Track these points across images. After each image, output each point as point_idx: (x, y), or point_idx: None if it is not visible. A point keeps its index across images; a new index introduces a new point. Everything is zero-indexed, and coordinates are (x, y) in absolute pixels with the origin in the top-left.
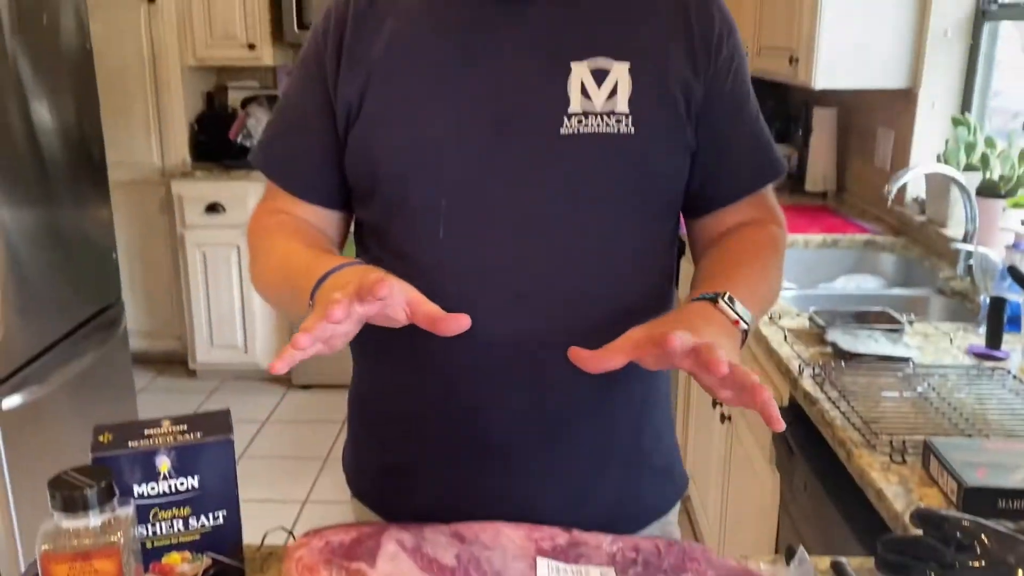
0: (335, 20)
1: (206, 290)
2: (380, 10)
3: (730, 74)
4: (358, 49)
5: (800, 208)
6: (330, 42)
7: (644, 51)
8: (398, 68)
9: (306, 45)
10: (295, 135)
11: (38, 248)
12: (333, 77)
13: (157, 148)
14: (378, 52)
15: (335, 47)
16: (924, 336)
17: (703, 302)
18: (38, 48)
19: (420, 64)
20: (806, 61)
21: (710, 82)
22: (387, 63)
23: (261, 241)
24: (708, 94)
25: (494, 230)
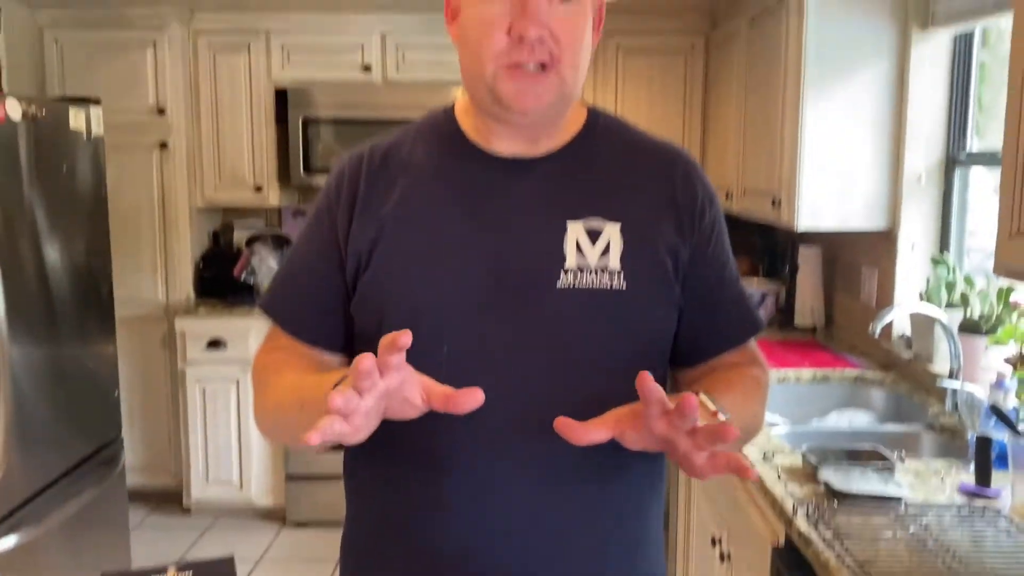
0: (348, 177)
1: (204, 426)
2: (392, 169)
3: (712, 239)
4: (371, 204)
5: (790, 343)
6: (343, 197)
7: (634, 215)
8: (408, 224)
9: (318, 199)
10: (302, 283)
11: (43, 386)
12: (344, 229)
13: (163, 285)
14: (389, 208)
15: (348, 202)
16: (915, 474)
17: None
18: (55, 195)
19: (428, 221)
20: (788, 204)
21: (695, 246)
22: (398, 219)
23: (266, 375)
24: (693, 257)
25: (493, 376)
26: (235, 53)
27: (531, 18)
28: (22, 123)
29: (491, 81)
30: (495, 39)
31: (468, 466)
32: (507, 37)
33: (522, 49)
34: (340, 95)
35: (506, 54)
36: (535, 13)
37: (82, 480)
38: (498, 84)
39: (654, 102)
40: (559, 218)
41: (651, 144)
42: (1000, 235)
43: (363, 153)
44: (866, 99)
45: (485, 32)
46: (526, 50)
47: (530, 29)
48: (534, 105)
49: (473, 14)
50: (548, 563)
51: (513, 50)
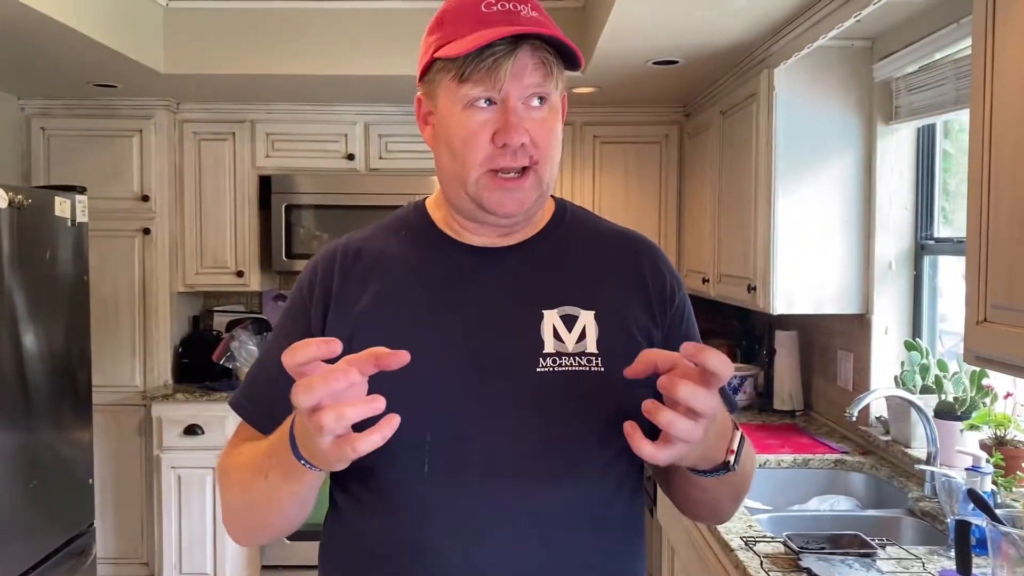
0: (322, 273)
1: (178, 514)
2: (366, 264)
3: (683, 321)
4: (345, 301)
5: (769, 427)
6: (316, 294)
7: (607, 302)
8: (383, 317)
9: (291, 297)
10: (275, 381)
11: (16, 474)
12: (319, 326)
13: (140, 371)
14: (365, 303)
15: (322, 298)
16: (897, 561)
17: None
18: (37, 281)
19: (404, 312)
20: (763, 290)
21: (667, 329)
22: (373, 312)
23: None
24: (666, 340)
25: (476, 464)
26: (220, 141)
27: (514, 127)
28: (7, 210)
29: (474, 189)
30: (480, 147)
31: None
32: (491, 145)
33: (505, 155)
34: (323, 182)
35: (491, 160)
36: (517, 123)
37: (53, 571)
38: (482, 192)
39: (630, 190)
40: (535, 306)
41: (617, 232)
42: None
43: (336, 248)
44: (835, 188)
45: (469, 141)
46: (509, 156)
47: (514, 137)
48: (516, 209)
49: (454, 123)
50: None
51: (497, 156)
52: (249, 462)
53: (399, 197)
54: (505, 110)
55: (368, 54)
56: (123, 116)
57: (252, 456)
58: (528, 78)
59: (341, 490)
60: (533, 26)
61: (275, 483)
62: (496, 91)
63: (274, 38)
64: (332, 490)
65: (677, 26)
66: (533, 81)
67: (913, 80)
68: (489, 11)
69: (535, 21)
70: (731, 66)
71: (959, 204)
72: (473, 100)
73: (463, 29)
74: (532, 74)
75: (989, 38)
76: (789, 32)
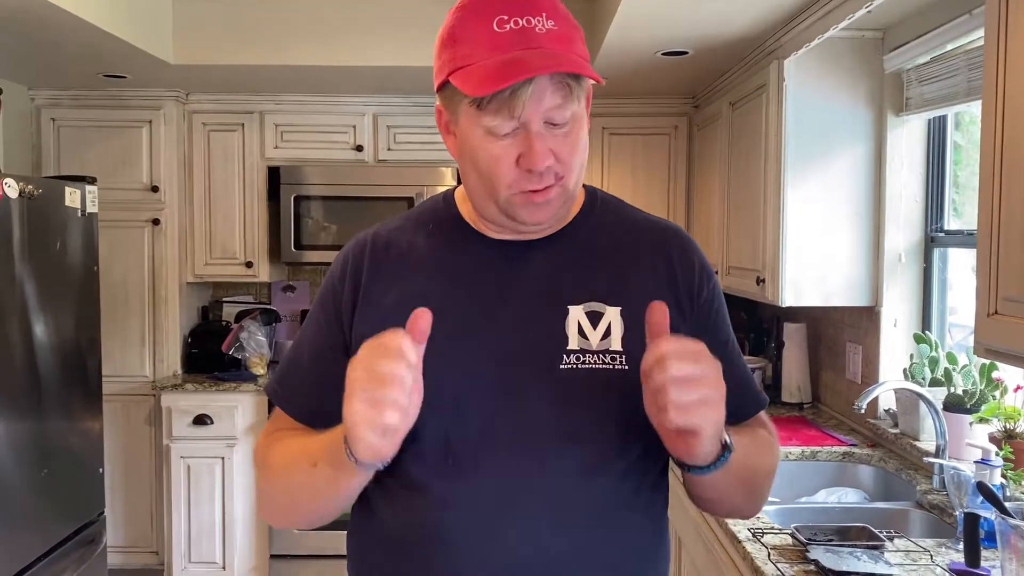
0: (352, 266)
1: (188, 503)
2: (395, 257)
3: (711, 315)
4: (374, 294)
5: (778, 420)
6: (347, 286)
7: (634, 298)
8: (410, 311)
9: (323, 287)
10: (308, 370)
11: (26, 464)
12: (349, 317)
13: (150, 361)
14: (393, 297)
15: (352, 292)
16: (905, 553)
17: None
18: (47, 271)
19: (431, 303)
20: (772, 282)
21: (694, 323)
22: (400, 307)
23: (268, 450)
24: (694, 334)
25: (498, 459)
26: (229, 132)
27: (538, 154)
28: (17, 200)
29: (505, 205)
30: (505, 171)
31: (475, 547)
32: (516, 168)
33: (532, 178)
34: (332, 174)
35: (518, 183)
36: (541, 148)
37: (63, 561)
38: (515, 208)
39: (639, 181)
40: (561, 302)
41: (648, 222)
42: (978, 315)
43: (367, 239)
44: (845, 180)
45: (495, 165)
46: (536, 179)
47: (539, 163)
48: (546, 218)
49: (478, 147)
50: None
51: (524, 180)
52: (291, 459)
53: (407, 188)
54: (528, 135)
55: (377, 45)
56: (133, 107)
57: (295, 455)
58: (548, 101)
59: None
60: (550, 45)
61: (324, 475)
62: (516, 119)
63: (283, 29)
64: None
65: (686, 17)
66: (553, 103)
67: (924, 71)
68: (503, 30)
69: (552, 36)
70: (741, 57)
71: (969, 197)
72: (493, 128)
73: (478, 52)
74: (552, 97)
75: (1002, 28)
76: (799, 23)
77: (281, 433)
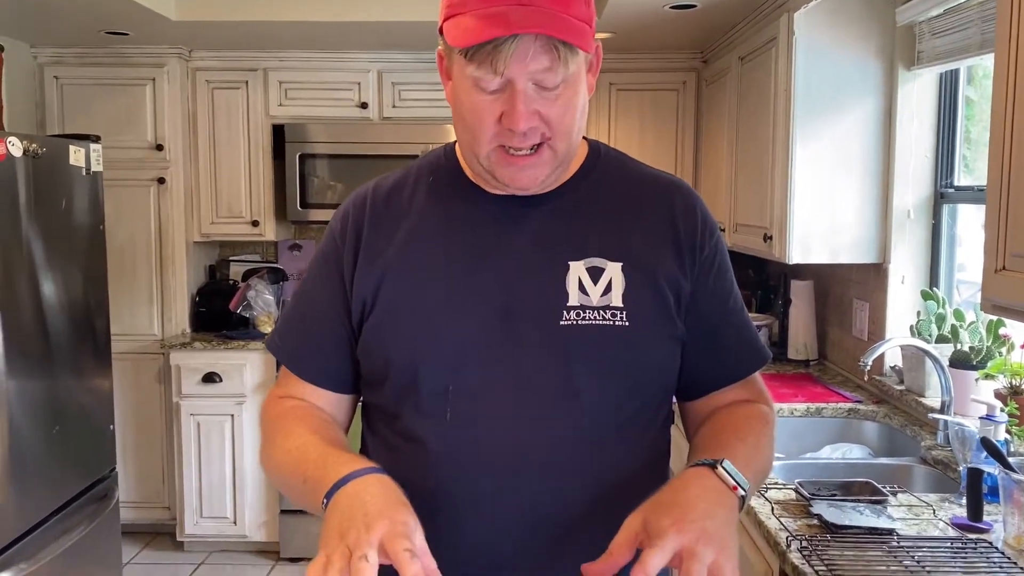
0: (352, 221)
1: (198, 460)
2: (395, 212)
3: (713, 270)
4: (374, 248)
5: (783, 377)
6: (348, 242)
7: (635, 253)
8: (410, 266)
9: (323, 242)
10: (310, 326)
11: (38, 421)
12: (350, 273)
13: (158, 320)
14: (393, 251)
15: (352, 247)
16: (908, 508)
17: (702, 467)
18: (53, 230)
19: (430, 262)
20: (779, 239)
21: (696, 279)
22: (400, 261)
23: (274, 426)
24: (695, 290)
25: (497, 414)
26: (233, 90)
27: (520, 114)
28: (22, 160)
29: (487, 161)
30: (487, 126)
31: (473, 500)
32: (498, 124)
33: (513, 137)
34: (337, 131)
35: (499, 138)
36: (524, 108)
37: (76, 516)
38: (493, 165)
39: (646, 138)
40: (561, 258)
41: (651, 177)
42: (986, 271)
43: (367, 194)
44: (855, 136)
45: (478, 119)
46: (518, 139)
47: (519, 124)
48: (529, 183)
49: (464, 98)
50: None
51: (505, 136)
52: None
53: (413, 147)
54: (512, 94)
55: (380, 0)
56: (136, 64)
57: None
58: (532, 64)
59: (371, 433)
60: (544, 2)
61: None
62: (500, 75)
63: None
64: (363, 432)
65: None
66: (538, 67)
67: (937, 24)
68: None
69: None
70: (750, 10)
71: (980, 152)
72: (479, 80)
73: (471, 1)
74: (536, 59)
75: None
76: None
77: (287, 408)
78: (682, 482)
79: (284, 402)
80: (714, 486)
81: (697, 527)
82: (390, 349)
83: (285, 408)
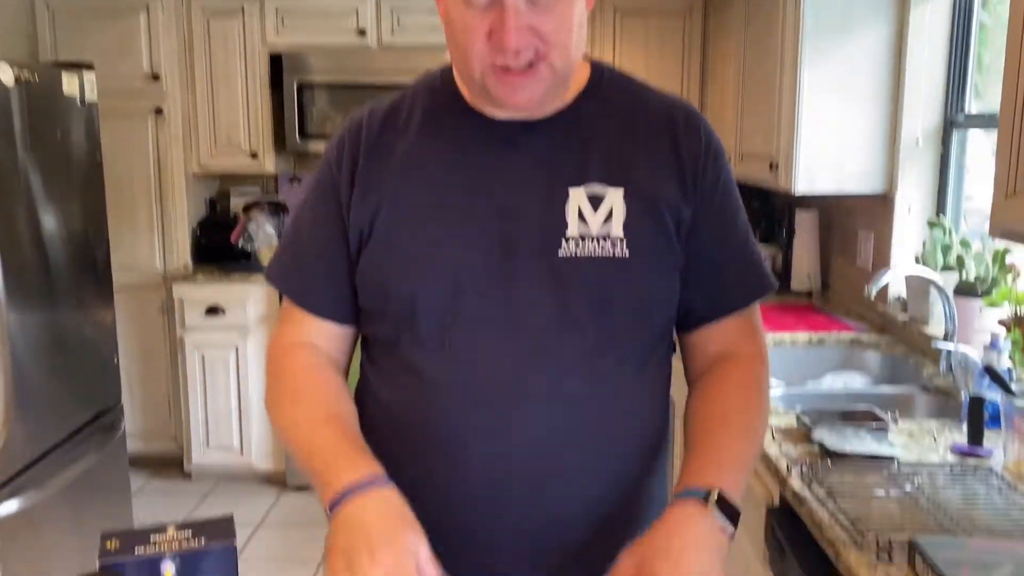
0: (348, 149)
1: (204, 391)
2: (390, 137)
3: (716, 194)
4: (370, 176)
5: (786, 307)
6: (343, 170)
7: (637, 178)
8: (406, 194)
9: (319, 169)
10: (309, 256)
11: (41, 353)
12: (346, 199)
13: (160, 252)
14: (388, 179)
15: (348, 175)
16: (909, 434)
17: (692, 504)
18: (49, 161)
19: (427, 189)
20: (785, 168)
21: (697, 204)
22: (396, 189)
23: (282, 384)
24: (696, 215)
25: (495, 345)
26: (228, 18)
27: (508, 31)
28: (15, 88)
29: (480, 80)
30: (478, 44)
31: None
32: (488, 42)
33: (505, 54)
34: (335, 60)
35: (491, 56)
36: (513, 25)
37: (82, 446)
38: (488, 84)
39: (651, 64)
40: (561, 184)
41: (655, 98)
42: (996, 196)
43: (362, 120)
44: (864, 63)
45: (468, 37)
46: (510, 56)
47: (509, 40)
48: (526, 102)
49: (454, 14)
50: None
51: (496, 54)
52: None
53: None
54: (501, 9)
55: None
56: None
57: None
58: None
59: (371, 364)
60: None
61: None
62: None
63: None
64: (363, 364)
65: None
66: None
67: None
68: None
69: None
70: None
71: (993, 79)
72: None
73: None
74: None
75: None
76: None
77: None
78: (675, 523)
79: (291, 354)
80: (707, 528)
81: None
82: (388, 279)
83: (295, 365)
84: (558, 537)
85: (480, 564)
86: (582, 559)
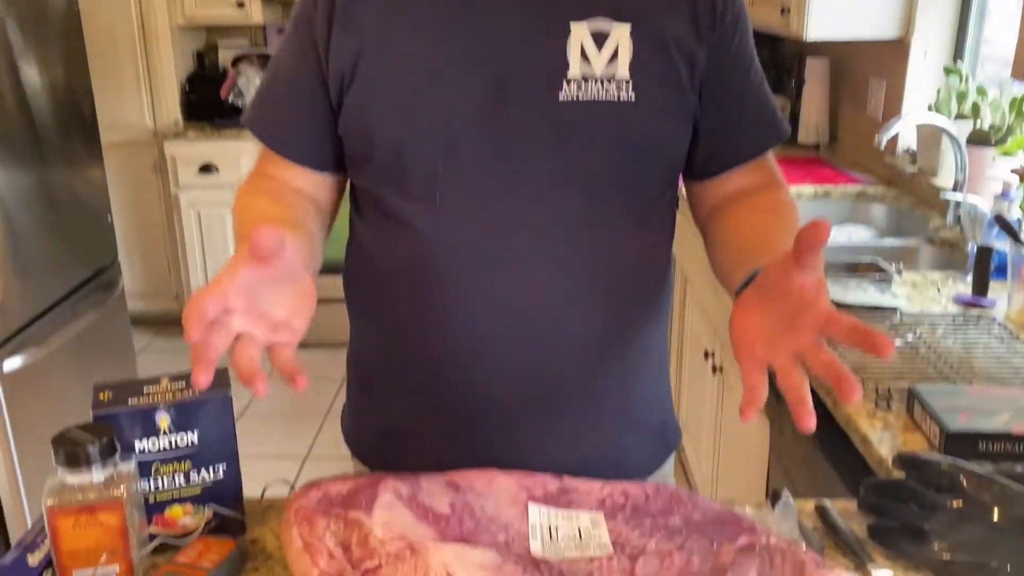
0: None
1: (202, 250)
2: None
3: (734, 39)
4: (351, 13)
5: (793, 160)
6: (320, 6)
7: (645, 13)
8: (393, 31)
9: (296, 7)
10: (286, 99)
11: (33, 211)
12: (324, 42)
13: (148, 109)
14: (372, 15)
15: (326, 12)
16: (913, 285)
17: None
18: (26, 11)
19: (416, 26)
20: (797, 12)
21: (713, 48)
22: (381, 26)
23: (242, 202)
24: (711, 60)
25: (491, 197)
26: None
27: None
28: None
29: None
30: None
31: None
32: None
33: None
34: None
35: None
36: None
37: (82, 303)
38: None
39: None
40: (562, 18)
41: None
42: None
43: None
44: None
45: None
46: None
47: None
48: None
49: None
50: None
51: None
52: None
53: None
54: None
55: None
56: None
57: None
58: None
59: (359, 216)
60: None
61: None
62: None
63: None
64: (352, 217)
65: None
66: None
67: None
68: None
69: None
70: None
71: None
72: None
73: None
74: None
75: None
76: None
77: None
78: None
79: (257, 181)
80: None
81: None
82: (373, 125)
83: (256, 186)
84: (553, 384)
85: (476, 411)
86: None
